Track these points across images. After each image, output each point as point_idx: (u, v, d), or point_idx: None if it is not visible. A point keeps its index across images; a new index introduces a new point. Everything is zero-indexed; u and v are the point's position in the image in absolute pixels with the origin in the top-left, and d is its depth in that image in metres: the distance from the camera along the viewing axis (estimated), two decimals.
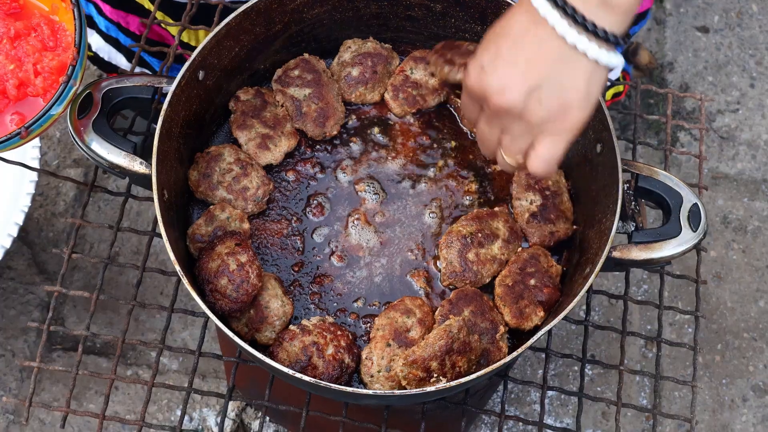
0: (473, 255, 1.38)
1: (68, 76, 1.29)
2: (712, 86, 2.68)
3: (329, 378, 1.30)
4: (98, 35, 2.07)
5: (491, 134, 1.20)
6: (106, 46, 2.06)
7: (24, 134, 1.28)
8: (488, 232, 1.40)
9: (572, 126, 1.13)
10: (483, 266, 1.38)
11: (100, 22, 2.00)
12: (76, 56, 1.29)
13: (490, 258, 1.39)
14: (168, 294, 2.33)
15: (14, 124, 1.31)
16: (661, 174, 1.39)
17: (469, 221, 1.41)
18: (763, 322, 2.42)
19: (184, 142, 1.40)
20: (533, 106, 1.12)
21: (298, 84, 1.50)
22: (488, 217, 1.42)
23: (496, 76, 1.13)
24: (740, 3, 2.80)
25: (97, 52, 2.11)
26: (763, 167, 2.60)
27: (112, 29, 1.98)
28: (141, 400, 2.23)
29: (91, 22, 2.07)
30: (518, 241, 1.42)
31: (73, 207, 2.43)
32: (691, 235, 1.34)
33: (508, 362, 1.27)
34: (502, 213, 1.43)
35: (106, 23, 1.97)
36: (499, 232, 1.40)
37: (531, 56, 1.11)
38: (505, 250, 1.40)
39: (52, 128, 2.51)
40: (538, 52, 1.11)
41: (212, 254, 1.33)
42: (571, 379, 2.33)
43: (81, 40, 1.30)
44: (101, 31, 2.04)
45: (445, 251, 1.39)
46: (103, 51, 2.08)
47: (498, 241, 1.40)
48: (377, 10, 1.51)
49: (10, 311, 2.31)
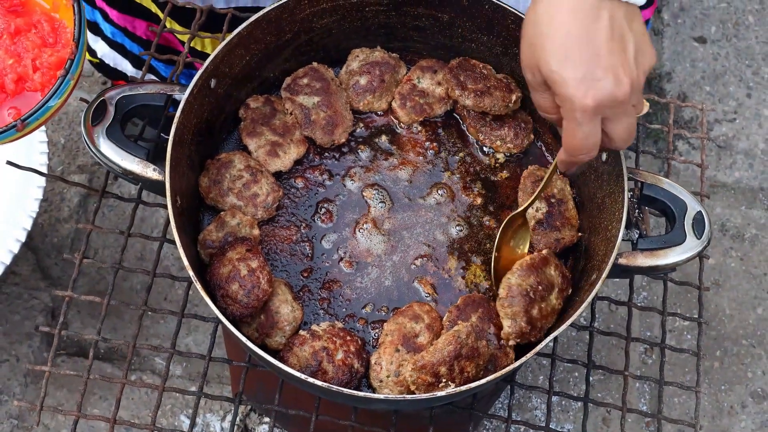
0: (537, 312, 1.33)
1: (66, 70, 1.29)
2: (710, 96, 2.71)
3: (339, 382, 1.31)
4: (103, 41, 2.09)
5: (594, 130, 1.18)
6: (112, 53, 2.08)
7: (20, 127, 1.27)
8: (546, 283, 1.35)
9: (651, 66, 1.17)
10: (546, 321, 1.34)
11: (106, 29, 2.02)
12: (75, 51, 1.30)
13: (550, 311, 1.35)
14: (172, 299, 2.35)
15: (11, 117, 1.31)
16: (665, 182, 1.41)
17: (526, 272, 1.35)
18: (761, 328, 2.44)
19: (195, 148, 1.42)
20: (640, 77, 1.14)
21: (307, 92, 1.52)
22: (542, 265, 1.36)
23: (605, 77, 1.13)
24: (737, 14, 2.83)
25: (103, 59, 2.12)
26: (760, 176, 2.63)
27: (118, 35, 2.00)
28: (145, 405, 2.24)
29: (96, 28, 2.08)
30: (569, 287, 1.37)
31: (77, 213, 2.44)
32: (695, 243, 1.36)
33: (515, 368, 1.29)
34: (551, 258, 1.38)
35: (112, 29, 1.99)
36: (555, 280, 1.36)
37: (608, 35, 1.12)
38: (560, 298, 1.36)
39: (57, 134, 2.53)
40: (611, 27, 1.12)
41: (223, 260, 1.35)
42: (572, 385, 2.35)
43: (80, 36, 1.30)
44: (107, 37, 2.05)
45: (508, 309, 1.33)
46: (108, 57, 2.10)
47: (554, 291, 1.36)
48: (385, 20, 1.53)
49: (15, 316, 2.32)
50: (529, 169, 1.49)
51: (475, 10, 1.48)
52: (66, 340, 2.30)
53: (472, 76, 1.52)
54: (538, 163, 1.53)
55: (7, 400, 2.23)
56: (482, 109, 1.52)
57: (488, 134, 1.53)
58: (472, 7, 1.48)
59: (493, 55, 1.54)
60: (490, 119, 1.53)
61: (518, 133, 1.53)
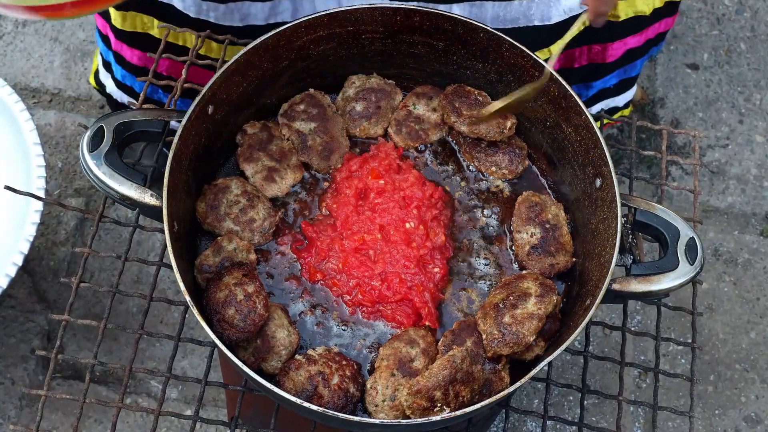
0: (509, 318, 1.35)
1: None
2: (702, 122, 2.74)
3: (334, 407, 1.32)
4: (112, 81, 2.12)
5: None
6: (118, 91, 2.12)
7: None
8: (519, 293, 1.38)
9: None
10: (522, 325, 1.35)
11: (117, 71, 2.05)
12: None
13: (527, 316, 1.35)
14: (167, 322, 2.35)
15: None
16: (658, 208, 1.43)
17: (499, 289, 1.41)
18: (754, 353, 2.45)
19: (192, 174, 1.43)
20: None
21: (304, 118, 1.54)
22: (516, 280, 1.41)
23: None
24: (729, 41, 2.87)
25: (111, 94, 2.17)
26: (753, 201, 2.65)
27: (129, 78, 2.03)
28: (140, 428, 2.24)
29: (109, 68, 2.12)
30: (552, 292, 1.38)
31: (74, 236, 2.45)
32: (688, 268, 1.37)
33: (510, 392, 1.30)
34: (529, 274, 1.42)
35: (123, 72, 2.02)
36: (531, 290, 1.38)
37: None
38: (540, 304, 1.36)
39: (54, 158, 2.54)
40: None
41: (220, 284, 1.36)
42: (567, 409, 2.35)
43: None
44: (117, 80, 2.09)
45: (482, 323, 1.37)
46: (116, 95, 2.15)
47: (531, 298, 1.37)
48: (381, 47, 1.55)
49: (10, 339, 2.32)
50: (524, 195, 1.50)
51: (470, 38, 1.50)
52: (61, 363, 2.30)
53: (467, 102, 1.54)
54: (533, 189, 1.54)
55: (2, 424, 2.23)
56: (477, 135, 1.53)
57: (483, 160, 1.55)
58: (467, 35, 1.50)
59: (487, 82, 1.56)
60: (485, 145, 1.55)
61: (513, 159, 1.54)
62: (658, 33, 2.00)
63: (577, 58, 1.97)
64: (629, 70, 2.07)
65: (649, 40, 2.00)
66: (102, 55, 2.13)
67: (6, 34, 2.74)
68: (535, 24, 1.78)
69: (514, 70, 1.50)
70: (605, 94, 2.10)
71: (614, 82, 2.08)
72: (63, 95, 2.66)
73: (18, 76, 2.67)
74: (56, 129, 2.59)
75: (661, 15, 1.95)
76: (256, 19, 1.75)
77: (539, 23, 1.77)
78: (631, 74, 2.09)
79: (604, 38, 1.95)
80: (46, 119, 2.61)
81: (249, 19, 1.75)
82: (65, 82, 2.67)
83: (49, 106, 2.64)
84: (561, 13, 1.78)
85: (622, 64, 2.02)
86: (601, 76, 2.04)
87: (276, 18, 1.76)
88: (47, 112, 2.62)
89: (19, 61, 2.70)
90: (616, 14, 1.89)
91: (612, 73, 2.04)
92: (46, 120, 2.60)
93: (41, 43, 2.73)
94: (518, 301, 1.36)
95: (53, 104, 2.64)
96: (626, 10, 1.89)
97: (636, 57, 2.02)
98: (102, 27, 2.02)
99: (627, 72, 2.07)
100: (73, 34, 2.73)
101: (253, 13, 1.74)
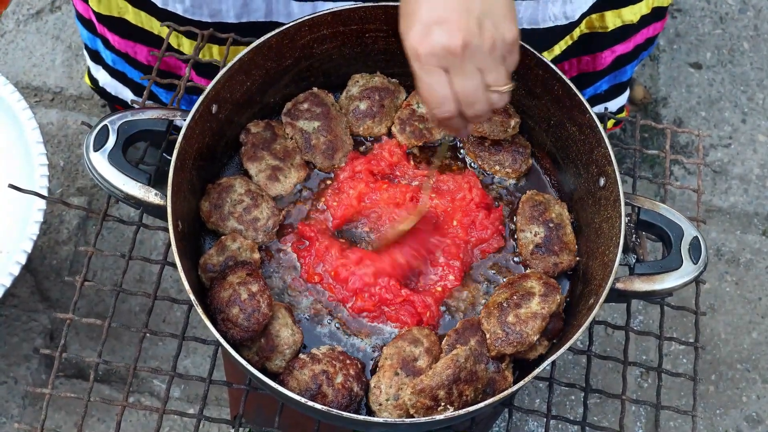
0: (513, 317, 1.36)
1: None
2: (705, 121, 2.74)
3: (338, 406, 1.32)
4: (104, 71, 2.11)
5: (437, 82, 1.23)
6: (113, 82, 2.10)
7: None
8: (522, 293, 1.38)
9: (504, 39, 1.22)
10: (525, 325, 1.35)
11: (107, 56, 2.03)
12: None
13: (531, 315, 1.36)
14: (171, 321, 2.35)
15: None
16: (662, 207, 1.43)
17: (503, 289, 1.41)
18: (756, 353, 2.45)
19: (196, 173, 1.44)
20: (484, 41, 1.20)
21: (307, 117, 1.54)
22: (520, 279, 1.41)
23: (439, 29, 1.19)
24: (732, 40, 2.86)
25: (104, 87, 2.15)
26: (755, 201, 2.65)
27: (119, 62, 2.01)
28: (143, 427, 2.24)
29: (98, 57, 2.10)
30: (556, 291, 1.38)
31: (76, 235, 2.45)
32: (692, 268, 1.37)
33: (513, 391, 1.30)
34: (533, 273, 1.43)
35: (113, 57, 2.00)
36: (534, 289, 1.38)
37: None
38: (544, 304, 1.36)
39: (57, 156, 2.54)
40: None
41: (224, 284, 1.36)
42: (569, 408, 2.35)
43: None
44: (108, 66, 2.07)
45: (485, 322, 1.37)
46: (109, 86, 2.13)
47: (535, 297, 1.37)
48: (385, 45, 1.55)
49: (13, 338, 2.32)
50: (527, 194, 1.50)
51: None
52: (65, 362, 2.30)
53: None
54: (536, 188, 1.54)
55: (5, 423, 2.23)
56: (481, 134, 1.53)
57: (487, 159, 1.55)
58: None
59: None
60: (488, 144, 1.55)
61: (516, 158, 1.54)
62: (647, 38, 2.00)
63: (567, 71, 1.97)
64: (619, 76, 2.07)
65: (638, 46, 1.99)
66: (88, 46, 2.10)
67: (7, 32, 2.74)
68: (524, 27, 1.77)
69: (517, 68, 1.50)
70: (597, 100, 2.10)
71: (605, 87, 2.08)
72: (65, 94, 2.66)
73: (20, 75, 2.67)
74: (58, 128, 2.59)
75: (648, 21, 1.94)
76: (228, 16, 1.71)
77: (528, 26, 1.77)
78: (622, 79, 2.08)
79: (593, 49, 1.95)
80: (48, 118, 2.61)
81: (219, 16, 1.70)
82: (67, 81, 2.67)
83: (51, 104, 2.64)
84: (547, 18, 1.77)
85: (612, 70, 2.02)
86: (592, 83, 2.04)
87: (249, 17, 1.72)
88: (49, 111, 2.62)
89: (20, 60, 2.70)
90: (605, 25, 1.89)
91: (602, 79, 2.04)
92: (48, 119, 2.60)
93: (43, 42, 2.73)
94: (522, 300, 1.36)
95: (55, 103, 2.64)
96: (614, 21, 1.88)
97: (626, 63, 2.02)
98: (84, 11, 1.98)
99: (617, 77, 2.07)
100: (75, 33, 2.73)
101: (224, 9, 1.70)
